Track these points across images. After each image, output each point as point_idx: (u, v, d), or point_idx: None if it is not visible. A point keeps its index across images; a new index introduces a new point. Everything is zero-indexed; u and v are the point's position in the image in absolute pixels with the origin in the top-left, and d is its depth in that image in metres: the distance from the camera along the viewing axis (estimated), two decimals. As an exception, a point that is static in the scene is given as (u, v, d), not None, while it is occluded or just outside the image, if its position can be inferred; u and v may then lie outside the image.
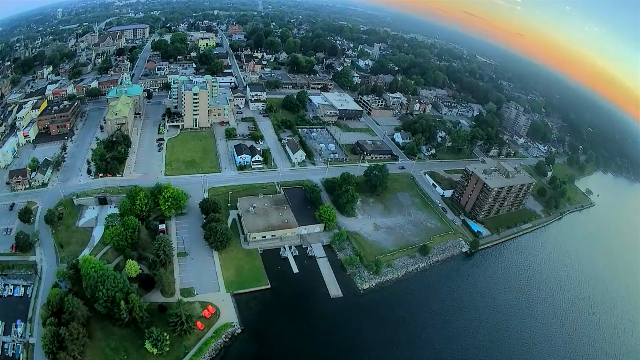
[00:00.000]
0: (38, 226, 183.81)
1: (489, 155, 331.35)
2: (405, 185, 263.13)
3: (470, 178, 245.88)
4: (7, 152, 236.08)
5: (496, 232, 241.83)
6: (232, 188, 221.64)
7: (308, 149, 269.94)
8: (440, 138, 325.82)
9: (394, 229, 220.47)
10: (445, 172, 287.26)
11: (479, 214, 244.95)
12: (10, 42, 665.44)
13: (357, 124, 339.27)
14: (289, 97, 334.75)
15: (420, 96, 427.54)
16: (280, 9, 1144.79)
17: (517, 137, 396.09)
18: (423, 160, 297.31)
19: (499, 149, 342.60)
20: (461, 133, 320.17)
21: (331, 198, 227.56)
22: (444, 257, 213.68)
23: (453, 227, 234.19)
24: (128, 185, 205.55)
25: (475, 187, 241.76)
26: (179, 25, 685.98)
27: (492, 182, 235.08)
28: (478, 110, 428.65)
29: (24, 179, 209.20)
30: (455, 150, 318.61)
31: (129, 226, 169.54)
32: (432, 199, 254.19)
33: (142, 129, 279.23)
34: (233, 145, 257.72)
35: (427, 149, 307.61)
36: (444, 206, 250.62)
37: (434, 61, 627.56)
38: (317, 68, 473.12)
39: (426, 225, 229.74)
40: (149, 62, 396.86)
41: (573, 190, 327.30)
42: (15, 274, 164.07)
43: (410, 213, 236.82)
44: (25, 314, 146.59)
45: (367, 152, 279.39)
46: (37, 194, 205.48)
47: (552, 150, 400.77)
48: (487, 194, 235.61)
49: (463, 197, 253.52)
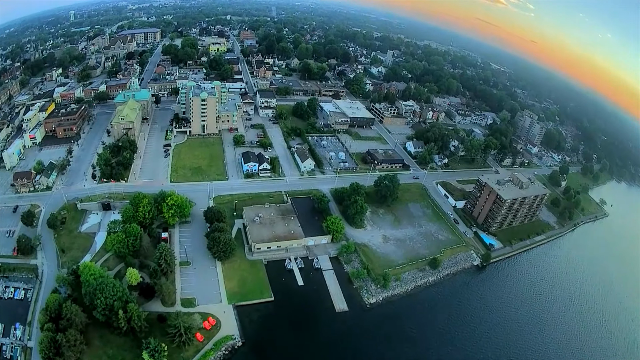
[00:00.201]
0: (40, 230, 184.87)
1: (502, 165, 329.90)
2: (417, 195, 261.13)
3: (483, 189, 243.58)
4: (12, 154, 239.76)
5: (509, 244, 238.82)
6: (239, 196, 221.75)
7: (317, 157, 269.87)
8: (453, 147, 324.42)
9: (404, 241, 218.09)
10: (457, 182, 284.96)
11: (491, 225, 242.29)
12: (22, 42, 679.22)
13: (368, 132, 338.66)
14: (299, 104, 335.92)
15: (434, 104, 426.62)
16: (293, 14, 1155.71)
17: (531, 146, 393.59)
18: (435, 170, 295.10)
19: (512, 158, 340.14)
20: (474, 142, 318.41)
21: (340, 208, 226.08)
22: (455, 270, 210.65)
23: (465, 239, 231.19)
24: (132, 192, 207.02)
25: (488, 198, 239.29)
26: (190, 30, 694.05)
27: (505, 193, 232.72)
28: (492, 119, 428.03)
29: (28, 182, 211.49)
30: (469, 159, 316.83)
31: (131, 234, 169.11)
32: (443, 210, 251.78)
33: (149, 134, 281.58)
34: (241, 153, 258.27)
35: (439, 159, 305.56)
36: (455, 217, 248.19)
37: (447, 68, 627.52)
38: (329, 75, 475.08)
39: (437, 237, 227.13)
40: (158, 66, 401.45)
41: (587, 201, 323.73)
42: (16, 277, 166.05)
43: (421, 224, 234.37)
44: (25, 317, 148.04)
45: (378, 162, 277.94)
46: (41, 197, 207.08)
47: (566, 160, 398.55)
48: (500, 206, 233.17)
49: (475, 208, 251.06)
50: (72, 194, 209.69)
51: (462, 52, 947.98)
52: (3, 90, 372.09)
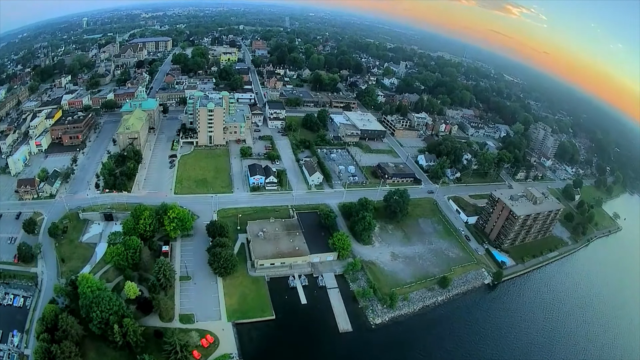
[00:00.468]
0: (42, 238, 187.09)
1: (515, 179, 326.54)
2: (428, 211, 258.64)
3: (496, 204, 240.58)
4: (18, 160, 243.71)
5: (521, 261, 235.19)
6: (243, 210, 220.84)
7: (326, 170, 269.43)
8: (466, 161, 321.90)
9: (413, 259, 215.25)
10: (470, 197, 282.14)
11: (503, 242, 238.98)
12: (34, 48, 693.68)
13: (379, 145, 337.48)
14: (309, 116, 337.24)
15: (446, 116, 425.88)
16: (307, 25, 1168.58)
17: (545, 159, 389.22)
18: (447, 184, 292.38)
19: (526, 172, 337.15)
20: (488, 156, 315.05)
21: (347, 224, 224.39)
22: (465, 289, 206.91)
23: (476, 256, 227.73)
24: (135, 203, 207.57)
25: (501, 214, 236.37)
26: (202, 39, 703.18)
27: (518, 209, 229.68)
28: (505, 131, 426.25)
29: (32, 189, 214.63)
30: (481, 173, 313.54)
31: (130, 246, 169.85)
32: (455, 226, 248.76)
33: (155, 144, 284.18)
34: (247, 165, 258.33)
35: (451, 173, 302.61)
36: (467, 234, 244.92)
37: (460, 80, 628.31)
38: (340, 86, 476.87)
39: (447, 254, 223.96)
40: (167, 75, 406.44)
41: (600, 215, 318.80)
42: (16, 284, 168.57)
43: (432, 241, 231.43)
44: (23, 324, 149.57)
45: (388, 176, 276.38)
46: (44, 205, 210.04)
47: (580, 173, 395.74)
48: (513, 222, 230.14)
49: (488, 224, 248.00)
50: (74, 203, 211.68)
51: (476, 63, 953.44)
52: (12, 95, 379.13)
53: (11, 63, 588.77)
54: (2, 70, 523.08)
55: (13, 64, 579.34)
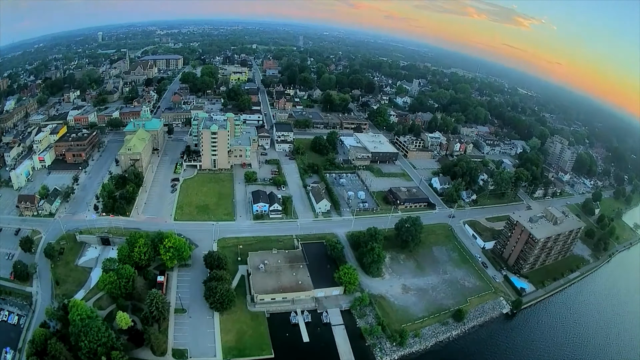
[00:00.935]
0: (39, 257, 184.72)
1: (534, 197, 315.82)
2: (442, 237, 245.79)
3: (515, 228, 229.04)
4: (20, 175, 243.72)
5: (541, 286, 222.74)
6: (245, 240, 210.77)
7: (335, 197, 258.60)
8: (482, 181, 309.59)
9: (426, 291, 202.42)
10: (487, 220, 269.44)
11: (523, 267, 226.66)
12: (48, 60, 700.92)
13: (391, 167, 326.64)
14: (318, 139, 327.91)
15: (461, 135, 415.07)
16: (320, 44, 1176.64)
17: (563, 173, 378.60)
18: (463, 207, 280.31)
19: (544, 189, 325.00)
20: (505, 175, 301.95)
21: (355, 255, 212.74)
22: (481, 321, 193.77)
23: (494, 284, 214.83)
24: (133, 228, 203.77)
25: (520, 238, 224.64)
26: (214, 58, 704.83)
27: (538, 232, 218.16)
28: (521, 147, 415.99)
29: (32, 206, 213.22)
30: (498, 194, 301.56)
31: (123, 275, 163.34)
32: (471, 253, 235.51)
33: (158, 166, 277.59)
34: (251, 192, 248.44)
35: (467, 195, 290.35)
36: (484, 261, 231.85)
37: (475, 96, 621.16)
38: (352, 106, 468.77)
39: (463, 284, 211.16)
40: (175, 95, 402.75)
41: (620, 227, 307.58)
42: (11, 301, 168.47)
43: (446, 271, 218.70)
44: (16, 342, 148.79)
45: (400, 201, 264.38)
46: (43, 223, 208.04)
47: (598, 184, 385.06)
48: (533, 246, 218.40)
49: (506, 249, 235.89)
50: (73, 224, 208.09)
51: (489, 78, 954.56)
52: (20, 107, 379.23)
53: (24, 73, 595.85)
54: (15, 79, 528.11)
55: (26, 74, 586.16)
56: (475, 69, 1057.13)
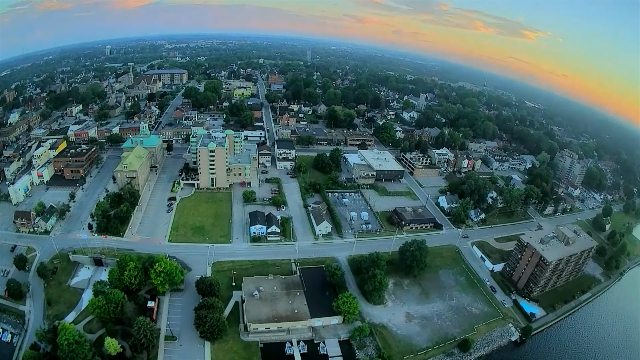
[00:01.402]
0: (32, 276, 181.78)
1: (544, 214, 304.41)
2: (449, 260, 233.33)
3: (525, 250, 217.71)
4: (19, 190, 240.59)
5: (551, 309, 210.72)
6: (240, 264, 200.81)
7: (336, 218, 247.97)
8: (491, 199, 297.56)
9: (431, 319, 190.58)
10: (496, 241, 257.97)
11: (533, 290, 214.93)
12: (55, 72, 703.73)
13: (396, 186, 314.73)
14: (320, 156, 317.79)
15: (469, 150, 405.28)
16: (328, 59, 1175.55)
17: (572, 188, 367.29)
18: (471, 227, 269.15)
19: (554, 205, 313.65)
20: (514, 193, 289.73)
21: (357, 280, 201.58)
22: (489, 350, 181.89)
23: (502, 310, 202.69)
24: (126, 249, 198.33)
25: (531, 261, 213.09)
26: (220, 73, 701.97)
27: (550, 254, 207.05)
28: (530, 162, 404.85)
29: (28, 222, 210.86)
30: (508, 212, 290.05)
31: (112, 300, 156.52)
32: (479, 277, 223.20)
33: (155, 184, 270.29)
34: (249, 213, 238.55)
35: (475, 214, 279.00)
36: (493, 285, 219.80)
37: (482, 110, 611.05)
38: (357, 122, 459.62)
39: (470, 311, 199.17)
40: (176, 110, 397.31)
41: (631, 242, 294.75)
42: (5, 319, 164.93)
43: (453, 296, 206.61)
44: None
45: (405, 222, 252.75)
46: (38, 241, 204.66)
47: (608, 198, 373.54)
48: (544, 268, 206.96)
49: (516, 271, 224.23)
50: (67, 242, 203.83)
51: (497, 91, 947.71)
52: (23, 120, 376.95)
53: (31, 85, 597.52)
54: (21, 92, 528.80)
55: (32, 87, 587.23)
56: (483, 82, 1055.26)
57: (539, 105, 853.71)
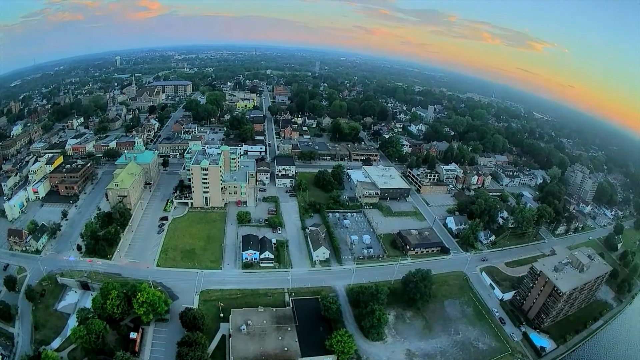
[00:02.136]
0: (22, 297, 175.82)
1: (556, 234, 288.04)
2: (456, 289, 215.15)
3: (538, 279, 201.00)
4: (14, 206, 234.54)
5: (562, 341, 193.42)
6: (230, 293, 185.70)
7: (336, 242, 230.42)
8: (502, 219, 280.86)
9: (434, 357, 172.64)
10: (506, 266, 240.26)
11: (544, 321, 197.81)
12: (64, 83, 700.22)
13: (402, 205, 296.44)
14: (322, 173, 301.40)
15: (479, 166, 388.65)
16: (336, 69, 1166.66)
17: (584, 204, 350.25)
18: (480, 251, 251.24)
19: (566, 225, 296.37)
20: (526, 213, 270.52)
21: (355, 313, 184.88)
22: None
23: (511, 344, 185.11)
24: (113, 273, 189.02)
25: (543, 290, 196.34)
26: (226, 84, 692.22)
27: (564, 284, 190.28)
28: (541, 177, 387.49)
29: (20, 241, 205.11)
30: (519, 233, 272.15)
31: (92, 331, 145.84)
32: (487, 307, 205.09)
33: (148, 202, 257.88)
34: (242, 236, 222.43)
35: (485, 235, 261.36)
36: (502, 316, 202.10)
37: (492, 122, 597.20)
38: (363, 135, 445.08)
39: (477, 346, 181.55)
40: (175, 123, 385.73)
41: None
42: None
43: (458, 330, 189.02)
44: None
45: (410, 246, 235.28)
46: (29, 260, 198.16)
47: (619, 215, 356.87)
48: (557, 299, 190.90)
49: (527, 300, 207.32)
50: (55, 264, 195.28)
51: (505, 102, 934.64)
52: (24, 133, 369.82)
53: (39, 96, 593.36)
54: (27, 103, 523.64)
55: (39, 98, 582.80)
56: (491, 93, 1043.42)
57: (547, 117, 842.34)
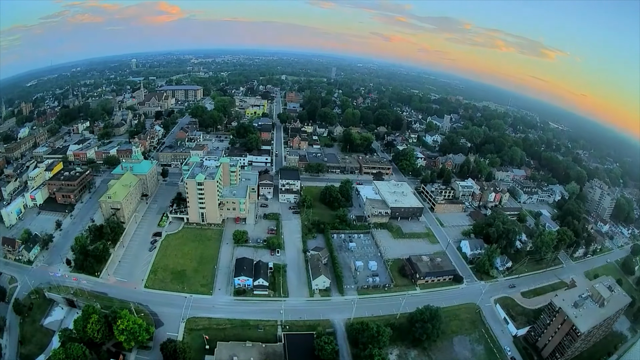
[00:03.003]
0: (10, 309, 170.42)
1: (574, 258, 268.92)
2: (467, 323, 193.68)
3: (556, 316, 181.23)
4: (11, 213, 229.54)
5: None
6: (218, 323, 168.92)
7: (339, 268, 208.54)
8: (520, 243, 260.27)
9: None
10: (522, 297, 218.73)
11: None
12: (79, 84, 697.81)
13: (414, 225, 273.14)
14: (329, 189, 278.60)
15: (496, 180, 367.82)
16: (352, 76, 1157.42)
17: (602, 223, 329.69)
18: (495, 279, 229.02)
19: (585, 247, 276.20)
20: (546, 238, 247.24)
21: (352, 352, 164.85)
22: None
23: None
24: (99, 292, 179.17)
25: (561, 328, 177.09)
26: (238, 89, 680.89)
27: (583, 323, 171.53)
28: (560, 194, 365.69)
29: (13, 250, 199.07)
30: (537, 258, 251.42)
31: (70, 355, 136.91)
32: (500, 344, 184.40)
33: (144, 215, 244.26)
34: (236, 259, 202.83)
35: (501, 261, 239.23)
36: (514, 355, 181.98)
37: (508, 133, 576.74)
38: (376, 145, 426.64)
39: None
40: (180, 130, 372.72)
41: None
42: None
43: None
44: None
45: (420, 275, 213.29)
46: (21, 271, 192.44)
47: (636, 233, 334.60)
48: (574, 339, 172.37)
49: (542, 337, 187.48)
50: (45, 277, 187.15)
51: (520, 111, 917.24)
52: (30, 136, 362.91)
53: (51, 98, 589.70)
54: (39, 104, 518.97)
55: (52, 99, 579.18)
56: (506, 101, 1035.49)
57: (562, 127, 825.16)
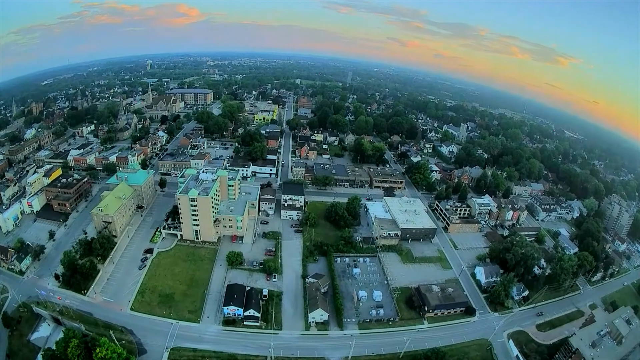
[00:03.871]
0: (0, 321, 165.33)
1: (591, 282, 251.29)
2: None
3: (572, 357, 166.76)
4: (8, 219, 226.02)
5: None
6: (204, 354, 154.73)
7: (339, 299, 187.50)
8: (538, 269, 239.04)
9: None
10: (537, 329, 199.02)
11: None
12: (92, 84, 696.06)
13: (425, 248, 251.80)
14: (334, 206, 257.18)
15: (514, 196, 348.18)
16: (368, 80, 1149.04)
17: (619, 242, 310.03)
18: (510, 310, 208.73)
19: (604, 270, 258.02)
20: (565, 264, 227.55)
21: None
22: None
23: None
24: (84, 311, 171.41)
25: None
26: (250, 93, 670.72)
27: None
28: (578, 210, 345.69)
29: (6, 259, 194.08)
30: (555, 285, 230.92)
31: None
32: None
33: (137, 229, 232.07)
34: (227, 285, 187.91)
35: (518, 290, 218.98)
36: None
37: (526, 143, 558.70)
38: (389, 156, 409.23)
39: None
40: (184, 137, 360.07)
41: None
42: None
43: None
44: None
45: (429, 307, 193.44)
46: (13, 281, 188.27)
47: None
48: None
49: None
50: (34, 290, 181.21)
51: (536, 119, 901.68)
52: (34, 138, 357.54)
53: (63, 98, 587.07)
54: (49, 105, 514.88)
55: (63, 100, 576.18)
56: (521, 108, 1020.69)
57: (577, 136, 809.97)
